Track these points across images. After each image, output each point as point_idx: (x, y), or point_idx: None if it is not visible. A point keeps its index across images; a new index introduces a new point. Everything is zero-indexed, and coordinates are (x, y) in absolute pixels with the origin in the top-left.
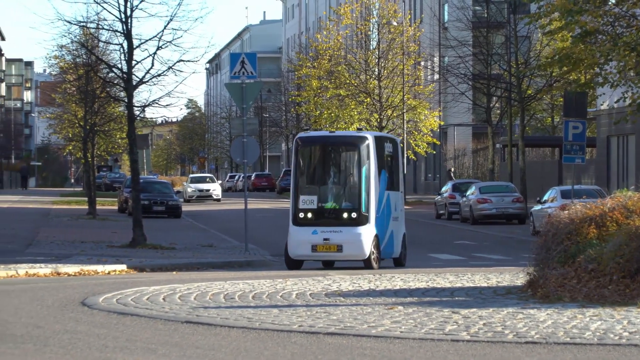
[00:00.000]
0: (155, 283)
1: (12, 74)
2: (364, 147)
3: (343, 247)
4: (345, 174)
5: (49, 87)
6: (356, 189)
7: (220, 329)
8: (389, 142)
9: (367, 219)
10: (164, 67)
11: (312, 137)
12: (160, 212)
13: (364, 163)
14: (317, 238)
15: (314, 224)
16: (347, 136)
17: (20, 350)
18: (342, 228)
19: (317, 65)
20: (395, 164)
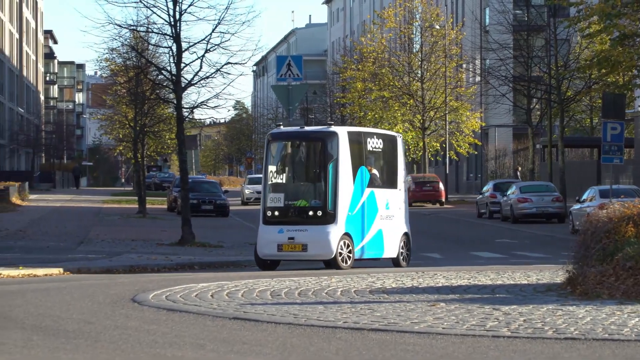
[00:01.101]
0: (203, 280)
1: (64, 77)
2: (331, 143)
3: (308, 246)
4: (313, 170)
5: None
6: (322, 187)
7: (267, 325)
8: (377, 137)
9: (333, 218)
10: (212, 69)
11: (282, 132)
12: (209, 211)
13: (331, 159)
14: (283, 237)
15: (281, 222)
16: (314, 132)
17: (72, 346)
18: (307, 227)
19: (361, 67)
20: (390, 160)
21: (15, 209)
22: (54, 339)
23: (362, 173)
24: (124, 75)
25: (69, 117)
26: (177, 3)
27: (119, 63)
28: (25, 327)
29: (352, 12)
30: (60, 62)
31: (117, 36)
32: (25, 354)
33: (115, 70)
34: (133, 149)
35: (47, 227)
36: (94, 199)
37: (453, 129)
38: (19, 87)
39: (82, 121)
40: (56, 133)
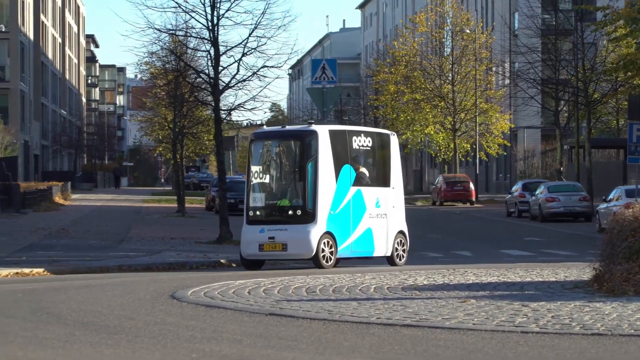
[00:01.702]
0: (241, 277)
1: (106, 80)
2: (310, 141)
3: (288, 245)
4: (292, 170)
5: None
6: (302, 186)
7: (302, 321)
8: (366, 136)
9: (313, 217)
10: (249, 72)
11: (264, 132)
12: None
13: (310, 158)
14: (264, 237)
15: (263, 222)
16: (293, 131)
17: (113, 341)
18: (287, 226)
19: (394, 70)
20: (382, 159)
21: (58, 209)
22: (95, 334)
23: (347, 171)
24: (164, 78)
25: (110, 118)
26: (215, 8)
27: (158, 66)
28: (67, 323)
29: (385, 17)
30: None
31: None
32: (67, 349)
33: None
34: (172, 150)
35: (88, 226)
36: (134, 198)
37: (483, 131)
38: (61, 89)
39: (123, 123)
40: (97, 134)
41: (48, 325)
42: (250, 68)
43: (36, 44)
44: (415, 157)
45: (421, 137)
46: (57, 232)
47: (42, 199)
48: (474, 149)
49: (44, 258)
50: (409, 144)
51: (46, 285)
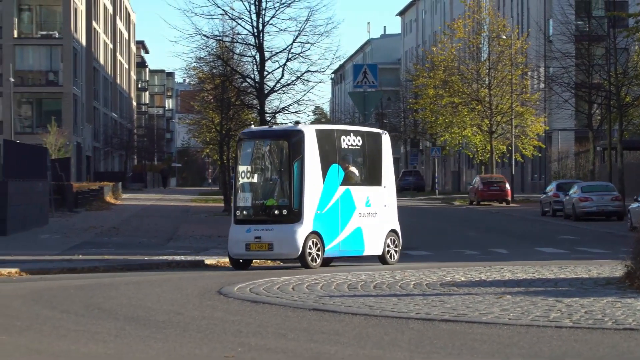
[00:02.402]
0: (285, 274)
1: (155, 84)
2: (297, 141)
3: (274, 245)
4: (279, 169)
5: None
6: (287, 185)
7: (344, 316)
8: (356, 135)
9: (299, 216)
10: (293, 77)
11: (251, 132)
12: None
13: (296, 158)
14: (250, 236)
15: (250, 221)
16: (280, 130)
17: (162, 335)
18: (273, 226)
19: (432, 75)
20: (373, 158)
21: (109, 208)
22: (145, 329)
23: (335, 171)
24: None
25: (159, 121)
26: (260, 15)
27: (206, 71)
28: (118, 318)
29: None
30: (151, 70)
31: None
32: (118, 343)
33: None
34: (219, 151)
35: (138, 224)
36: (183, 198)
37: (518, 133)
38: (113, 93)
39: (172, 125)
40: (147, 136)
41: (99, 320)
42: (294, 73)
43: (88, 50)
44: (454, 158)
45: (459, 139)
46: (108, 230)
47: (94, 199)
48: (509, 150)
49: (96, 256)
50: (447, 145)
51: (97, 282)
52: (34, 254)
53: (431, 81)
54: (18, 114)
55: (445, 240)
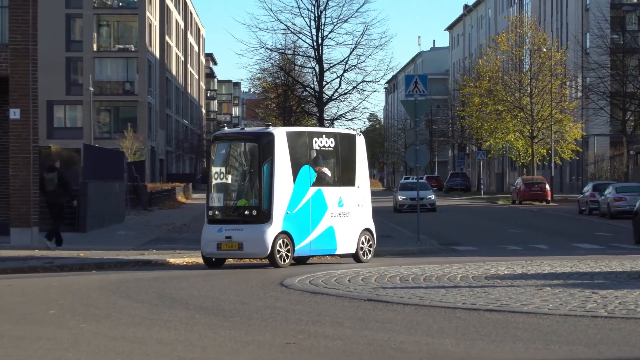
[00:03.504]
0: (342, 267)
1: (223, 93)
2: (267, 143)
3: (243, 245)
4: (250, 171)
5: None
6: (257, 186)
7: (396, 306)
8: (328, 137)
9: (268, 217)
10: (349, 87)
11: (223, 134)
12: None
13: (266, 160)
14: (221, 236)
15: (221, 221)
16: (251, 133)
17: (229, 323)
18: (243, 226)
19: (478, 85)
20: (347, 159)
21: (180, 207)
22: (213, 317)
23: (306, 172)
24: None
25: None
26: (320, 30)
27: (269, 81)
28: (188, 307)
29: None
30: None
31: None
32: (188, 330)
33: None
34: None
35: None
36: None
37: (558, 138)
38: (184, 102)
39: None
40: None
41: (171, 309)
42: (350, 83)
43: (162, 62)
44: (497, 161)
45: (502, 143)
46: (180, 227)
47: (166, 198)
48: (549, 154)
49: (167, 251)
50: (491, 149)
51: (170, 274)
52: (111, 248)
53: (477, 90)
54: (97, 121)
55: (489, 236)
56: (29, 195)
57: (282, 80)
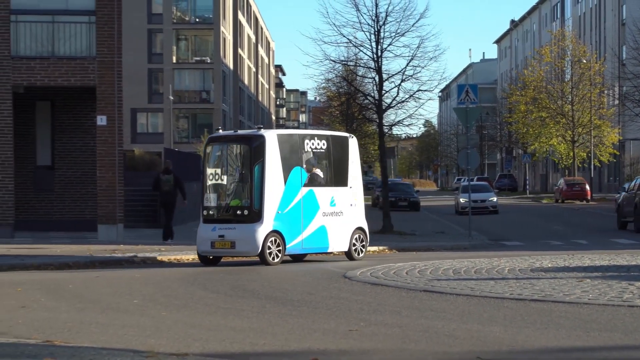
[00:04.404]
0: (400, 261)
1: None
2: (257, 145)
3: (236, 243)
4: (242, 172)
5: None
6: (249, 187)
7: (449, 296)
8: (320, 139)
9: (259, 216)
10: (406, 95)
11: (217, 136)
12: (404, 207)
13: (257, 161)
14: (215, 235)
15: (215, 221)
16: (243, 135)
17: (297, 312)
18: (235, 225)
19: (524, 93)
20: (339, 160)
21: None
22: (282, 307)
23: (298, 173)
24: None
25: None
26: (379, 43)
27: (333, 90)
28: (260, 297)
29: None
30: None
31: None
32: (259, 318)
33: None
34: None
35: None
36: None
37: (596, 142)
38: (255, 109)
39: None
40: None
41: (244, 299)
42: (407, 91)
43: (235, 73)
44: (542, 163)
45: (546, 147)
46: None
47: None
48: (589, 156)
49: None
50: (536, 153)
51: (242, 267)
52: (190, 243)
53: (523, 98)
54: (176, 127)
55: (534, 232)
56: (114, 195)
57: (345, 89)
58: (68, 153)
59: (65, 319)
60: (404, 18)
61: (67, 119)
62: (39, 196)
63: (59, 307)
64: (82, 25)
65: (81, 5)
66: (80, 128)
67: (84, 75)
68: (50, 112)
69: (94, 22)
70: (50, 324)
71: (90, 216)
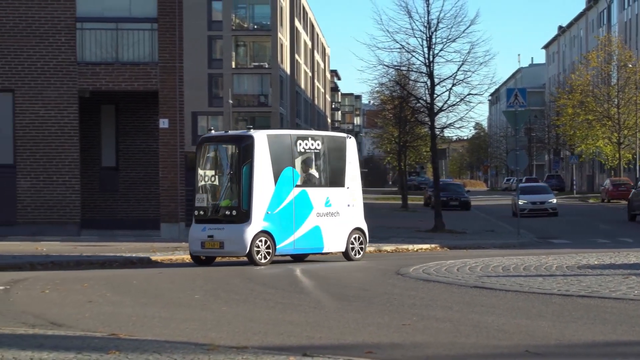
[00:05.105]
0: (451, 258)
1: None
2: (246, 145)
3: (224, 243)
4: (231, 172)
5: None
6: (237, 187)
7: (499, 292)
8: (314, 139)
9: (247, 216)
10: (457, 99)
11: (209, 137)
12: (455, 206)
13: (246, 161)
14: (204, 235)
15: (206, 221)
16: (232, 136)
17: (352, 307)
18: (224, 225)
19: (571, 97)
20: (335, 161)
21: None
22: (338, 302)
23: (289, 173)
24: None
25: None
26: (431, 49)
27: (386, 94)
28: (316, 293)
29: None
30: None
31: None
32: (316, 313)
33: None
34: (398, 159)
35: None
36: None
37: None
38: (311, 112)
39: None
40: None
41: (302, 294)
42: (458, 95)
43: (292, 78)
44: (588, 164)
45: (593, 149)
46: None
47: None
48: (634, 158)
49: None
50: (583, 154)
51: (297, 265)
52: None
53: (570, 102)
54: (235, 129)
55: (581, 231)
56: (176, 195)
57: (398, 93)
58: (132, 154)
59: (129, 313)
60: (455, 24)
61: (131, 122)
62: (104, 196)
63: (124, 301)
64: (145, 32)
65: (144, 13)
66: (143, 130)
67: (146, 80)
68: (115, 115)
69: (156, 29)
70: (115, 318)
71: (153, 215)
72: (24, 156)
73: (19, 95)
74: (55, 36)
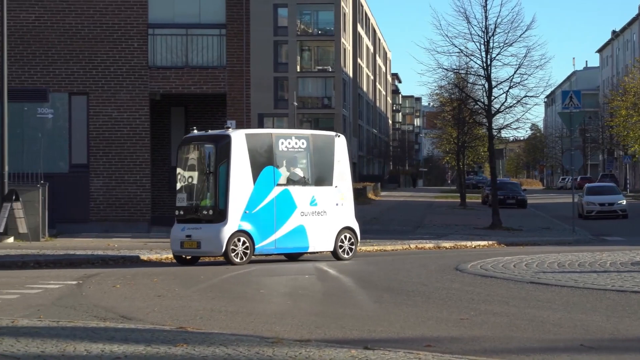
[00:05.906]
0: (508, 254)
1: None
2: (223, 145)
3: (201, 243)
4: (208, 172)
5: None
6: (214, 187)
7: (554, 288)
8: (299, 138)
9: (223, 216)
10: (514, 101)
11: (189, 137)
12: (512, 204)
13: (222, 161)
14: (183, 235)
15: (185, 220)
16: (210, 135)
17: (411, 301)
18: (202, 225)
19: (624, 99)
20: (323, 160)
21: (370, 203)
22: (397, 296)
23: (270, 172)
24: (449, 105)
25: (410, 135)
26: (488, 53)
27: (445, 96)
28: (378, 288)
29: (617, 58)
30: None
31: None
32: (376, 307)
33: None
34: (456, 159)
35: (393, 216)
36: (427, 195)
37: None
38: (373, 114)
39: (419, 138)
40: (400, 147)
41: (364, 289)
42: (515, 97)
43: (354, 81)
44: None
45: None
46: (370, 220)
47: (359, 195)
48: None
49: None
50: (636, 154)
51: (363, 260)
52: None
53: (623, 104)
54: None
55: (635, 228)
56: None
57: (457, 95)
58: None
59: (196, 307)
60: (511, 29)
61: (200, 123)
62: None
63: (191, 296)
64: (214, 37)
65: (213, 19)
66: None
67: (215, 83)
68: (184, 116)
69: (224, 35)
70: (183, 312)
71: None
72: (97, 156)
73: (93, 98)
74: (128, 41)
